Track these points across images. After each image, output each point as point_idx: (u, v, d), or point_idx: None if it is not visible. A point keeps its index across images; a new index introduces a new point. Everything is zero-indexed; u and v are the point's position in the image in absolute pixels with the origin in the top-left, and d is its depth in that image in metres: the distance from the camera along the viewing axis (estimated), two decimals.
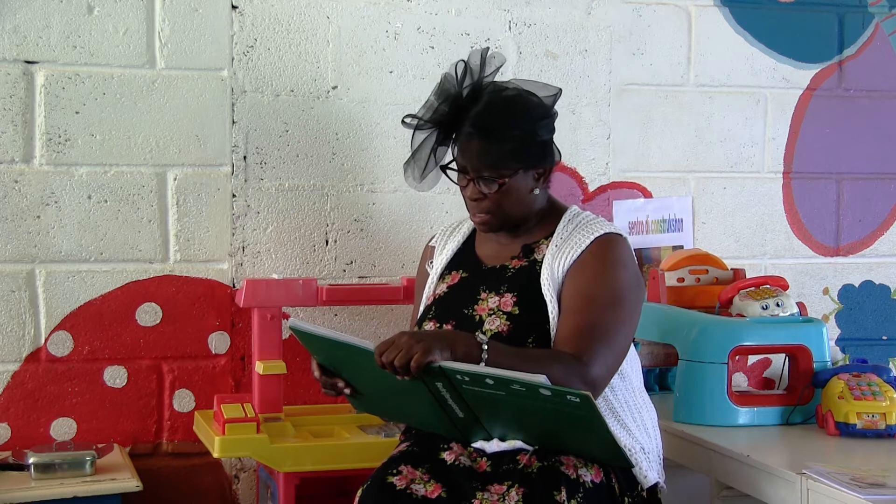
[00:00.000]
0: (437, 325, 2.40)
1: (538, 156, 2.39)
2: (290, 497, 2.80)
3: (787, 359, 2.85)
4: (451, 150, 2.45)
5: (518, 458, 2.23)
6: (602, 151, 3.41)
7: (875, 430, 2.60)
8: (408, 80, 3.21)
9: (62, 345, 2.99)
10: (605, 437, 2.11)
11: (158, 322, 3.06)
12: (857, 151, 3.65)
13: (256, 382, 2.96)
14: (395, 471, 2.23)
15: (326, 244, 3.18)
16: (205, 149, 3.07)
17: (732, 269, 3.21)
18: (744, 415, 2.75)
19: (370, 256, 3.21)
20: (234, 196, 3.10)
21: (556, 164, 2.46)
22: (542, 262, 2.38)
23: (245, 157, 3.11)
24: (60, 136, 2.97)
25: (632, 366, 2.42)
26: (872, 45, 3.64)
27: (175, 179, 3.05)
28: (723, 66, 3.51)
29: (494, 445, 2.26)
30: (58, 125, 2.96)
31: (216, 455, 2.78)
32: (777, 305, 2.87)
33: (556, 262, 2.36)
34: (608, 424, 2.10)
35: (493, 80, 2.43)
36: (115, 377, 3.03)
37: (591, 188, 3.41)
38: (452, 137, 2.43)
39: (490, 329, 2.32)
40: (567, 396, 2.01)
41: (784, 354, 2.87)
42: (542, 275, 2.36)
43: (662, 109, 3.47)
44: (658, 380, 3.22)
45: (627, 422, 2.34)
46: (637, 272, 2.40)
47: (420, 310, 2.52)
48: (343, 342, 2.17)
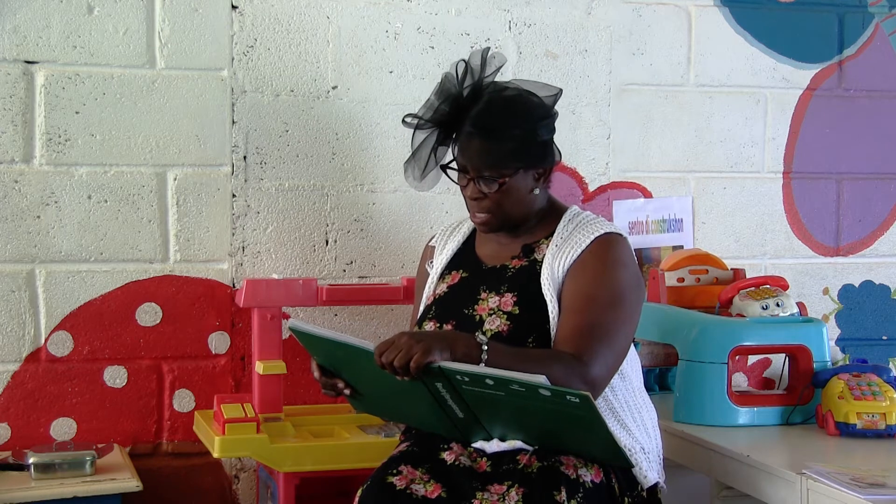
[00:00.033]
0: (438, 325, 2.40)
1: (538, 156, 2.40)
2: (290, 497, 2.80)
3: (787, 359, 2.85)
4: (452, 150, 2.45)
5: (518, 458, 2.23)
6: (602, 151, 3.41)
7: (875, 430, 2.60)
8: (408, 80, 3.21)
9: (62, 345, 2.99)
10: (605, 438, 2.11)
11: (158, 322, 3.06)
12: (857, 151, 3.65)
13: (256, 382, 2.96)
14: (395, 471, 2.23)
15: (326, 244, 3.18)
16: (205, 149, 3.07)
17: (732, 269, 3.21)
18: (744, 415, 2.75)
19: (370, 256, 3.21)
20: (234, 196, 3.10)
21: (557, 164, 2.46)
22: (543, 262, 2.38)
23: (245, 157, 3.11)
24: (60, 136, 2.97)
25: (632, 366, 2.42)
26: (872, 45, 3.64)
27: (175, 179, 3.05)
28: (723, 66, 3.51)
29: (494, 445, 2.26)
30: (58, 125, 2.96)
31: (216, 455, 2.78)
32: (777, 305, 2.87)
33: (557, 262, 2.36)
34: (608, 425, 2.10)
35: (494, 81, 2.43)
36: (115, 377, 3.03)
37: (591, 188, 3.41)
38: (453, 137, 2.43)
39: (490, 329, 2.32)
40: (567, 397, 2.01)
41: (784, 354, 2.87)
42: (543, 274, 2.36)
43: (662, 109, 3.47)
44: (658, 380, 3.22)
45: (627, 422, 2.34)
46: (637, 272, 2.40)
47: (420, 310, 2.52)
48: (343, 342, 2.17)
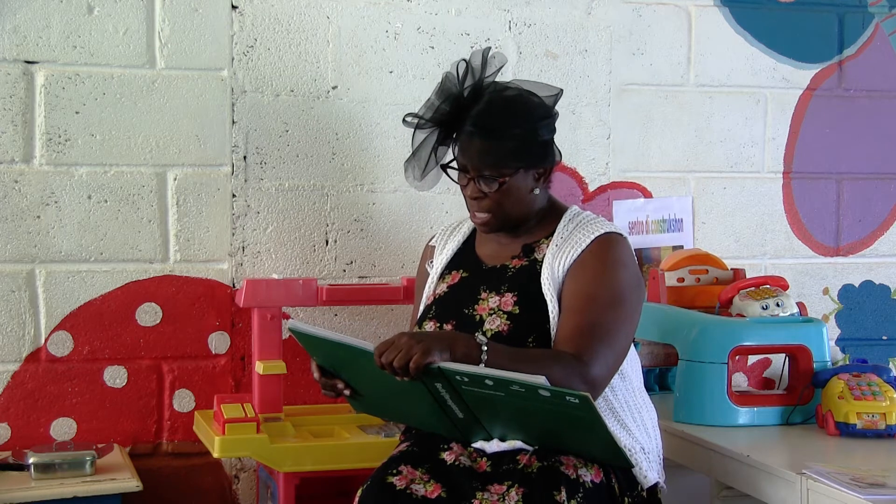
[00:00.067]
0: (438, 325, 2.40)
1: (539, 155, 2.40)
2: (290, 497, 2.80)
3: (787, 359, 2.85)
4: (452, 150, 2.45)
5: (518, 458, 2.23)
6: (602, 151, 3.41)
7: (875, 430, 2.60)
8: (408, 80, 3.21)
9: (62, 345, 2.99)
10: (605, 438, 2.11)
11: (158, 322, 3.06)
12: (857, 151, 3.65)
13: (256, 382, 2.95)
14: (395, 471, 2.23)
15: (326, 244, 3.18)
16: (205, 149, 3.07)
17: (732, 269, 3.21)
18: (744, 415, 2.75)
19: (370, 256, 3.21)
20: (234, 196, 3.10)
21: (557, 164, 2.46)
22: (543, 262, 2.38)
23: (245, 157, 3.10)
24: (60, 136, 2.97)
25: (632, 366, 2.42)
26: (872, 45, 3.64)
27: (175, 179, 3.05)
28: (723, 66, 3.51)
29: (494, 445, 2.26)
30: (58, 125, 2.96)
31: (216, 455, 2.78)
32: (777, 305, 2.87)
33: (557, 262, 2.36)
34: (608, 425, 2.10)
35: (495, 81, 2.43)
36: (115, 377, 3.03)
37: (591, 188, 3.41)
38: (453, 137, 2.43)
39: (490, 329, 2.32)
40: (566, 397, 2.01)
41: (784, 354, 2.87)
42: (543, 274, 2.36)
43: (662, 109, 3.47)
44: (658, 380, 3.22)
45: (627, 422, 2.34)
46: (637, 272, 2.40)
47: (420, 309, 2.52)
48: (342, 343, 2.17)
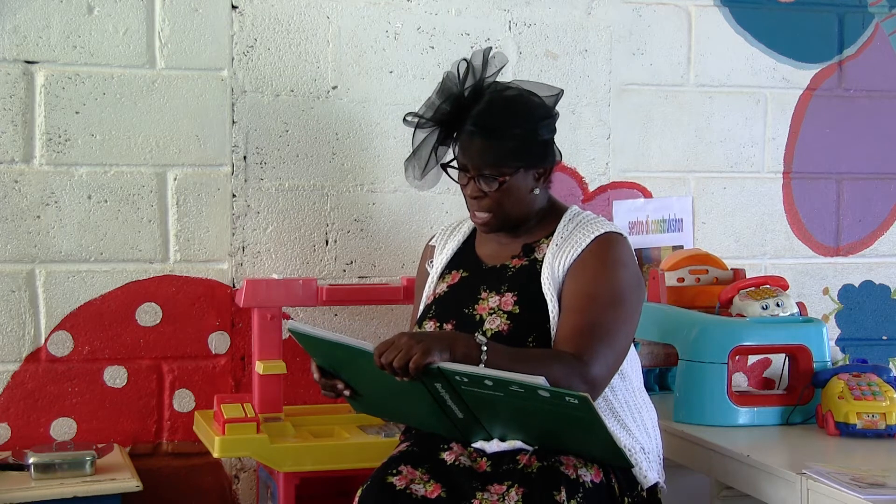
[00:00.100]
0: (438, 325, 2.40)
1: (539, 155, 2.40)
2: (290, 497, 2.80)
3: (787, 359, 2.85)
4: (452, 149, 2.45)
5: (518, 458, 2.23)
6: (602, 151, 3.41)
7: (875, 430, 2.60)
8: (408, 80, 3.21)
9: (62, 345, 2.99)
10: (605, 438, 2.11)
11: (158, 322, 3.06)
12: (857, 151, 3.65)
13: (256, 382, 2.95)
14: (395, 471, 2.23)
15: (326, 244, 3.18)
16: (205, 149, 3.07)
17: (732, 269, 3.21)
18: (744, 415, 2.75)
19: (370, 256, 3.21)
20: (234, 196, 3.10)
21: (557, 164, 2.46)
22: (543, 262, 2.38)
23: (245, 157, 3.10)
24: (60, 136, 2.97)
25: (632, 366, 2.42)
26: (872, 45, 3.64)
27: (175, 179, 3.05)
28: (723, 66, 3.51)
29: (494, 445, 2.26)
30: (58, 125, 2.96)
31: (216, 455, 2.78)
32: (777, 305, 2.87)
33: (557, 262, 2.36)
34: (607, 425, 2.10)
35: (495, 81, 2.43)
36: (115, 377, 3.03)
37: (591, 188, 3.41)
38: (454, 136, 2.43)
39: (490, 328, 2.32)
40: (566, 398, 2.01)
41: (784, 354, 2.87)
42: (543, 274, 2.36)
43: (662, 109, 3.47)
44: (658, 380, 3.22)
45: (627, 422, 2.34)
46: (637, 272, 2.40)
47: (420, 309, 2.52)
48: (342, 343, 2.17)
